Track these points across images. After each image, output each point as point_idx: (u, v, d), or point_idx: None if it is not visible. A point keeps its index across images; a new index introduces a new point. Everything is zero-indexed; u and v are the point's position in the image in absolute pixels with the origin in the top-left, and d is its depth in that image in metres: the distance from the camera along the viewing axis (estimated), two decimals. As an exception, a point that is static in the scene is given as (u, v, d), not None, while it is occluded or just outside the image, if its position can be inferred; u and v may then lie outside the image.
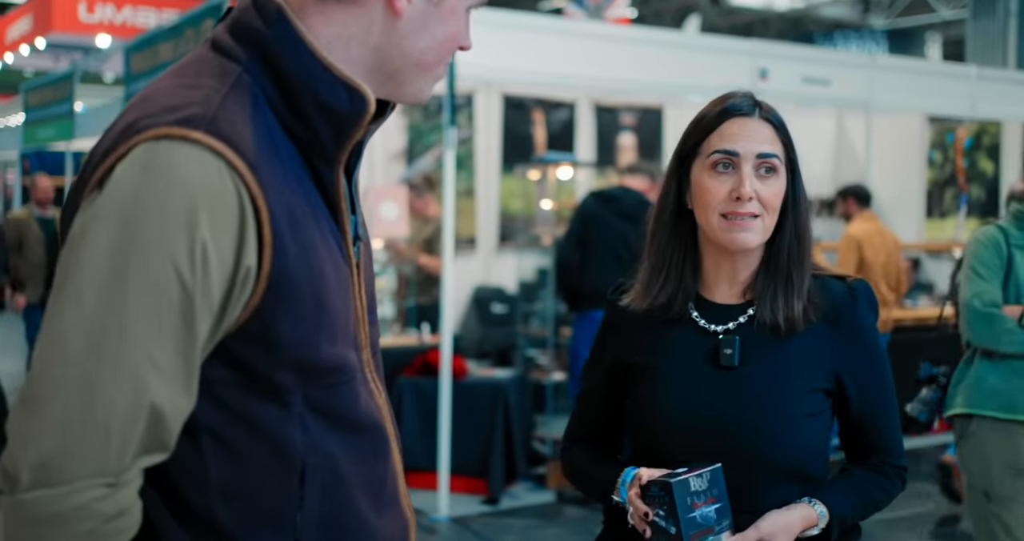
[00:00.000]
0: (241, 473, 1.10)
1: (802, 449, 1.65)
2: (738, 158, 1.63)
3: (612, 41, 6.25)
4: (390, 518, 1.22)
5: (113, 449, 1.00)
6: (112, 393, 1.00)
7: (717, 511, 1.56)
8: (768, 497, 1.62)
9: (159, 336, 1.02)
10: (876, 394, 1.72)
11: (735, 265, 1.70)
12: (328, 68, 1.13)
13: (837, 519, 1.63)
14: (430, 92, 1.25)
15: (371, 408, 1.20)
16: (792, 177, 1.68)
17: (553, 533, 5.13)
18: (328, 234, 1.15)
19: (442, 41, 1.20)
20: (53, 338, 1.01)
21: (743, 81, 6.46)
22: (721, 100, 1.70)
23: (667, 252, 1.73)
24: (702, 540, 1.54)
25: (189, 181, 1.03)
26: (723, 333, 1.68)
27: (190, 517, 1.09)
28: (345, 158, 1.17)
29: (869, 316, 1.71)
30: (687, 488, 1.54)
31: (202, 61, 1.15)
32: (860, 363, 1.69)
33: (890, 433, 1.74)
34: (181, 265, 1.02)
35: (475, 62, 5.20)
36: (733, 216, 1.62)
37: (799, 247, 1.68)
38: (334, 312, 1.13)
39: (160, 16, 11.83)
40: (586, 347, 5.84)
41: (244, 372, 1.09)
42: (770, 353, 1.66)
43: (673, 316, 1.71)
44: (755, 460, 1.62)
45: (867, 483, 1.72)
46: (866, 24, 20.32)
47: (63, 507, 0.98)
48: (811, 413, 1.65)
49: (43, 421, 0.99)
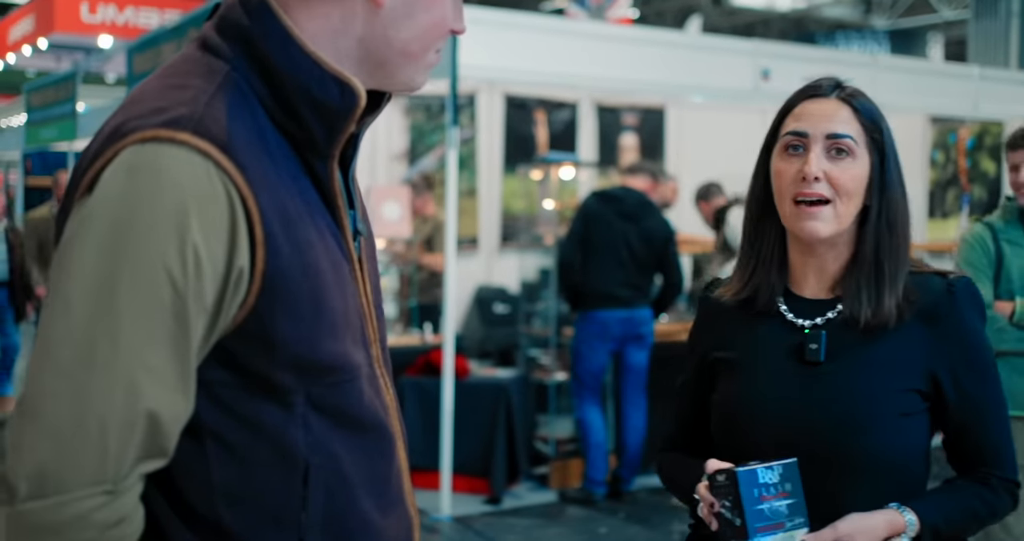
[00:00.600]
0: (244, 475, 1.09)
1: (891, 451, 1.54)
2: (807, 139, 1.57)
3: (614, 41, 6.26)
4: (394, 517, 1.22)
5: (110, 457, 0.99)
6: (106, 400, 0.99)
7: (789, 507, 1.48)
8: (852, 501, 1.52)
9: (152, 341, 1.01)
10: (979, 400, 1.60)
11: (821, 257, 1.62)
12: (317, 62, 1.12)
13: (929, 529, 1.52)
14: (423, 80, 1.23)
15: (375, 406, 1.19)
16: (882, 162, 1.59)
17: (555, 533, 5.13)
18: (325, 230, 1.14)
19: (428, 28, 1.18)
20: (44, 347, 1.00)
21: (745, 81, 6.47)
22: (804, 86, 1.65)
23: (755, 245, 1.67)
24: (770, 535, 1.46)
25: (178, 184, 1.01)
26: (810, 328, 1.61)
27: (196, 520, 1.08)
28: (338, 153, 1.16)
29: (971, 316, 1.60)
30: (755, 478, 1.46)
31: (190, 60, 1.14)
32: (960, 365, 1.58)
33: (997, 443, 1.61)
34: (173, 268, 1.01)
35: (477, 63, 5.21)
36: (802, 200, 1.56)
37: (890, 236, 1.59)
38: (333, 309, 1.12)
39: (162, 17, 11.83)
40: (588, 346, 5.88)
41: (243, 373, 1.08)
42: (858, 350, 1.58)
43: (761, 310, 1.65)
44: (838, 460, 1.54)
45: (968, 495, 1.60)
46: (868, 24, 20.32)
47: (62, 517, 0.97)
48: (903, 414, 1.56)
49: (38, 431, 0.98)
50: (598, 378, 5.61)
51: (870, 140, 1.59)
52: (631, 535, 5.10)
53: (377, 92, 1.22)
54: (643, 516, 5.38)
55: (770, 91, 6.45)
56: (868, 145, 1.59)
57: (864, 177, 1.59)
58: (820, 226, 1.56)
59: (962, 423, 1.61)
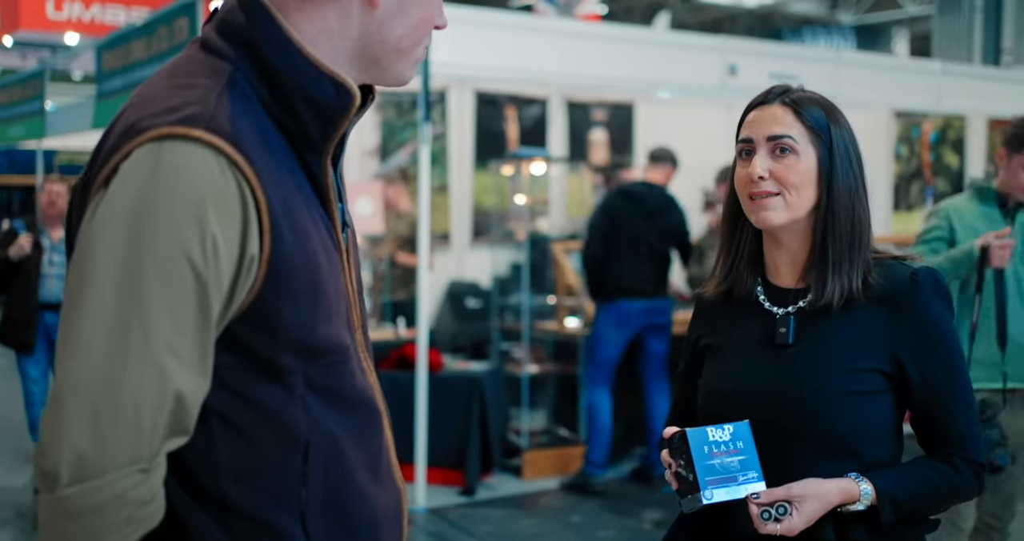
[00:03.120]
0: (249, 453, 1.16)
1: (849, 426, 1.65)
2: (753, 144, 1.73)
3: (583, 38, 6.32)
4: (385, 489, 1.29)
5: (144, 436, 1.06)
6: (139, 385, 1.05)
7: (741, 462, 1.59)
8: (814, 472, 1.62)
9: (178, 327, 1.07)
10: (943, 384, 1.69)
11: (788, 247, 1.76)
12: (315, 64, 1.18)
13: (888, 500, 1.61)
14: (412, 74, 1.30)
15: (365, 386, 1.27)
16: (830, 158, 1.71)
17: (528, 523, 5.20)
18: (319, 221, 1.21)
19: (418, 24, 1.26)
20: (76, 337, 1.06)
21: (712, 77, 6.56)
22: (755, 97, 1.80)
23: (731, 241, 1.82)
24: (722, 487, 1.57)
25: (195, 178, 1.08)
26: (781, 314, 1.74)
27: (205, 496, 1.15)
28: (332, 149, 1.23)
29: (934, 302, 1.69)
30: (704, 437, 1.58)
31: (194, 61, 1.20)
32: (923, 349, 1.68)
33: (961, 424, 1.70)
34: (195, 257, 1.07)
35: (448, 60, 5.26)
36: (756, 196, 1.70)
37: (833, 224, 1.70)
38: (328, 295, 1.19)
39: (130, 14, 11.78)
40: (608, 332, 6.20)
41: (248, 356, 1.15)
42: (822, 332, 1.70)
43: (742, 300, 1.79)
44: (802, 434, 1.65)
45: (930, 471, 1.68)
46: (834, 20, 20.52)
47: (103, 497, 1.04)
48: (862, 392, 1.66)
49: (75, 418, 1.04)
50: (614, 364, 5.77)
51: (815, 137, 1.71)
52: (604, 523, 5.18)
53: (364, 88, 1.29)
54: (616, 506, 5.47)
55: (737, 87, 6.54)
56: (813, 142, 1.71)
57: (810, 171, 1.71)
58: (771, 215, 1.70)
59: (927, 406, 1.70)
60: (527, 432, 5.98)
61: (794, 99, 1.73)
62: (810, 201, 1.71)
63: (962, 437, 1.70)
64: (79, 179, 1.18)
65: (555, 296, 6.54)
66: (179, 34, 5.92)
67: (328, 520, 1.20)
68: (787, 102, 1.73)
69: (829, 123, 1.72)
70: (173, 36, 6.01)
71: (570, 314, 6.40)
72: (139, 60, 6.65)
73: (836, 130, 1.73)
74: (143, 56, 6.56)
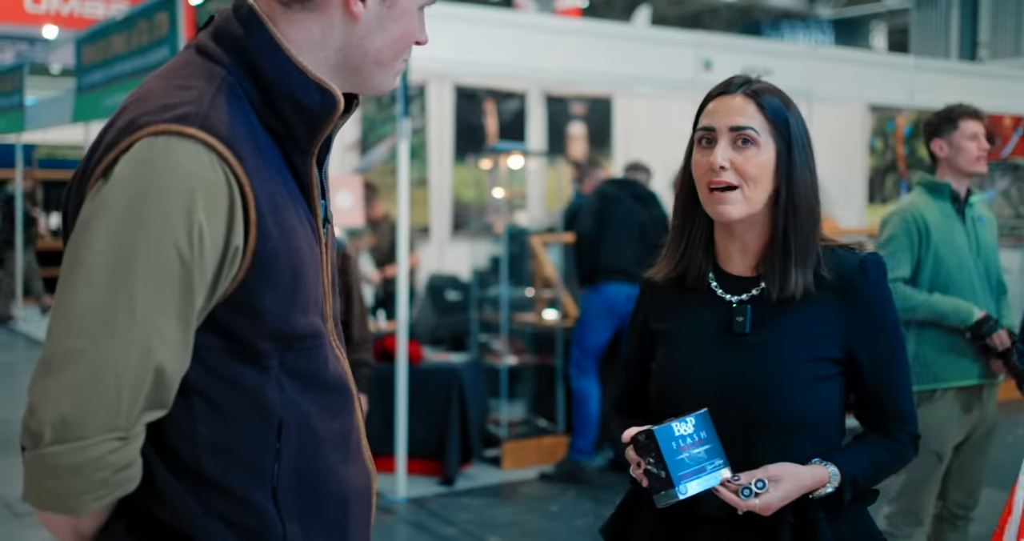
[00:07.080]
0: (225, 429, 1.24)
1: (806, 412, 1.71)
2: (715, 133, 1.74)
3: (562, 33, 6.39)
4: (355, 468, 1.38)
5: (124, 408, 1.14)
6: (122, 360, 1.14)
7: (707, 452, 1.62)
8: (770, 459, 1.68)
9: (163, 308, 1.16)
10: (888, 365, 1.77)
11: (741, 237, 1.78)
12: (302, 71, 1.27)
13: (849, 479, 1.69)
14: (393, 84, 1.39)
15: (338, 370, 1.36)
16: (788, 150, 1.74)
17: (507, 511, 5.27)
18: (303, 217, 1.30)
19: (397, 39, 1.34)
20: (67, 312, 1.15)
21: (688, 72, 6.64)
22: (716, 85, 1.83)
23: (684, 227, 1.83)
24: (694, 479, 1.60)
25: (186, 171, 1.16)
26: (737, 303, 1.77)
27: (182, 469, 1.23)
28: (317, 150, 1.32)
29: (882, 289, 1.77)
30: (671, 433, 1.61)
31: (190, 64, 1.29)
32: (871, 335, 1.75)
33: (902, 401, 1.80)
34: (181, 245, 1.16)
35: (427, 54, 5.27)
36: (714, 188, 1.72)
37: (795, 217, 1.73)
38: (307, 286, 1.28)
39: (108, 7, 11.77)
40: (596, 319, 6.15)
41: (230, 339, 1.23)
42: (778, 322, 1.74)
43: (693, 286, 1.81)
44: (758, 421, 1.70)
45: (879, 447, 1.77)
46: (812, 14, 20.64)
47: (80, 459, 1.13)
48: (817, 379, 1.72)
49: (61, 386, 1.13)
50: (601, 351, 5.82)
51: (775, 130, 1.75)
52: (582, 511, 5.26)
53: (348, 95, 1.37)
54: (593, 494, 5.54)
55: (711, 81, 6.58)
56: (773, 135, 1.74)
57: (770, 164, 1.74)
58: (730, 209, 1.73)
59: (873, 388, 1.78)
60: (506, 423, 6.05)
61: (755, 90, 1.76)
62: (766, 193, 1.74)
63: (903, 413, 1.80)
64: (77, 171, 1.26)
65: (533, 288, 6.62)
66: (159, 29, 5.95)
67: (299, 494, 1.28)
68: (749, 93, 1.76)
69: (788, 115, 1.76)
70: (153, 30, 6.04)
71: (548, 306, 6.48)
72: (119, 54, 6.67)
73: (794, 121, 1.76)
74: (123, 50, 6.57)
